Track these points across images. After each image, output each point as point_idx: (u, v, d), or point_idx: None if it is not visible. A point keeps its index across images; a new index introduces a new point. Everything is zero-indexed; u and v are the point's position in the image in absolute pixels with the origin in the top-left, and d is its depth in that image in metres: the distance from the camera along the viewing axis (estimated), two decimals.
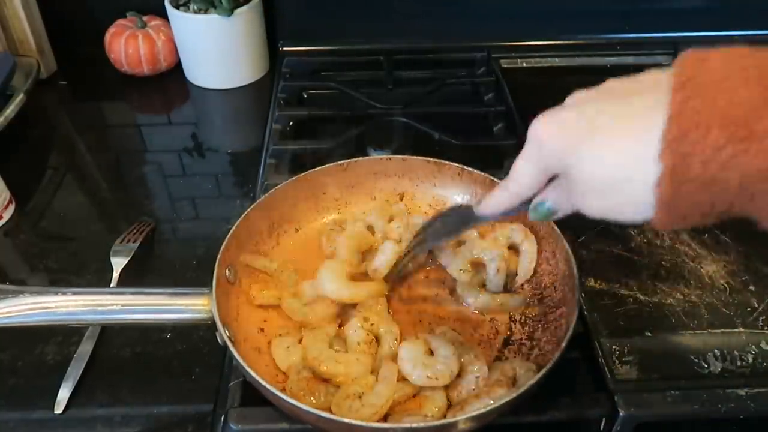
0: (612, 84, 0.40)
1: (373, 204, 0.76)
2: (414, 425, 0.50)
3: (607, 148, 0.36)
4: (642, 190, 0.35)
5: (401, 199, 0.77)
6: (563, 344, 0.53)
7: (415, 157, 0.75)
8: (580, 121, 0.38)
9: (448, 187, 0.75)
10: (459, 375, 0.57)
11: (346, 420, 0.50)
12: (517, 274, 0.67)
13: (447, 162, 0.74)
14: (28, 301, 0.55)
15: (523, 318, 0.64)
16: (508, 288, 0.67)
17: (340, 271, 0.64)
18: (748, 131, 0.30)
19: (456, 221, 0.57)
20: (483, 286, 0.66)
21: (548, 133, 0.41)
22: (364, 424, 0.50)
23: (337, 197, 0.75)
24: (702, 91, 0.32)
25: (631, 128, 0.35)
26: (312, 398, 0.55)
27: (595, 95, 0.40)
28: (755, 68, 0.32)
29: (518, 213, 0.49)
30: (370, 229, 0.71)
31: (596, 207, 0.40)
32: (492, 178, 0.71)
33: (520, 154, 0.44)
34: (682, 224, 0.36)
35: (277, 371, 0.59)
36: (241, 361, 0.53)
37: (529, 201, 0.47)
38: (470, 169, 0.73)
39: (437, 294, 0.67)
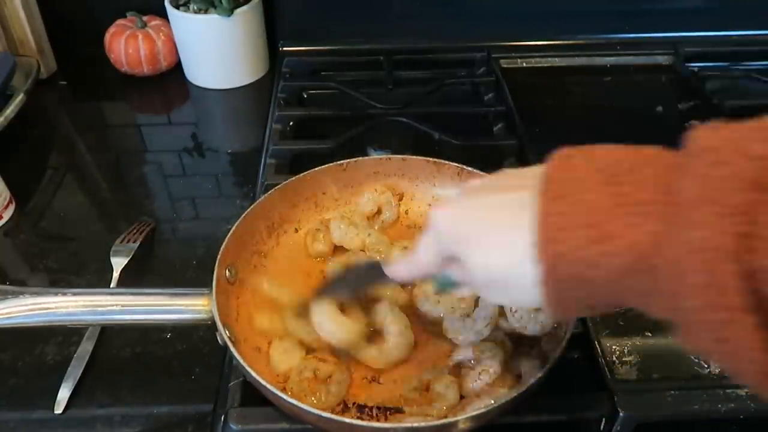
0: (503, 174, 0.42)
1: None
2: (414, 425, 0.50)
3: (490, 246, 0.38)
4: (528, 288, 0.36)
5: (400, 200, 0.77)
6: (563, 344, 0.53)
7: (414, 156, 0.75)
8: (469, 222, 0.40)
9: (448, 187, 0.75)
10: (473, 367, 0.57)
11: (347, 420, 0.50)
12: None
13: (446, 162, 0.74)
14: (28, 302, 0.55)
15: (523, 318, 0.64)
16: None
17: (332, 311, 0.59)
18: (603, 232, 0.32)
19: (367, 276, 0.57)
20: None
21: (443, 225, 0.42)
22: (364, 423, 0.50)
23: (336, 197, 0.75)
24: (562, 194, 0.34)
25: (509, 230, 0.37)
26: (313, 398, 0.55)
27: (483, 186, 0.42)
28: (603, 170, 0.34)
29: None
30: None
31: (493, 298, 0.43)
32: None
33: (423, 233, 0.46)
34: (574, 315, 0.38)
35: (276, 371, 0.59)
36: (241, 361, 0.53)
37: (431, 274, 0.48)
38: (470, 168, 0.73)
39: None
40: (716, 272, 0.28)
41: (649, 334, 0.61)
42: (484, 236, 0.39)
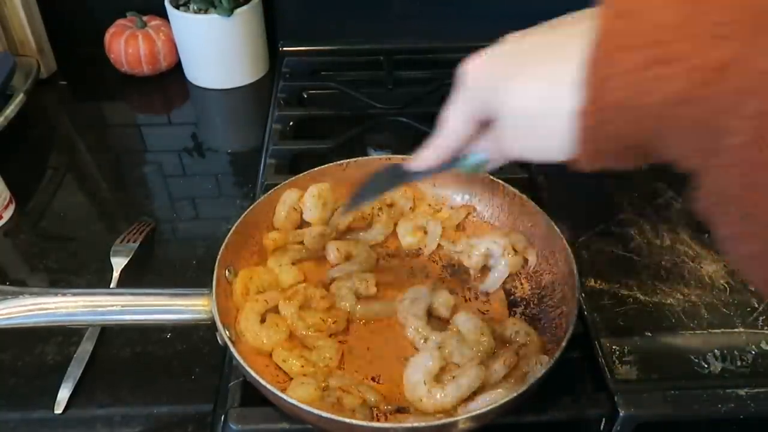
0: (548, 23, 0.38)
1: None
2: (414, 425, 0.50)
3: (530, 79, 0.35)
4: (563, 122, 0.33)
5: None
6: (563, 344, 0.53)
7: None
8: (509, 56, 0.37)
9: (448, 187, 0.75)
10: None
11: (347, 420, 0.50)
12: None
13: None
14: (28, 302, 0.55)
15: (523, 318, 0.64)
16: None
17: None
18: (667, 53, 0.29)
19: (389, 178, 0.55)
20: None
21: (476, 71, 0.39)
22: (364, 423, 0.50)
23: (336, 197, 0.75)
24: (626, 16, 0.30)
25: (554, 59, 0.34)
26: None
27: (526, 33, 0.38)
28: None
29: (450, 169, 0.48)
30: None
31: (520, 147, 0.39)
32: (491, 177, 0.71)
33: (448, 102, 0.43)
34: (600, 161, 0.35)
35: (277, 371, 0.59)
36: (241, 362, 0.53)
37: (459, 155, 0.46)
38: None
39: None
40: None
41: (649, 334, 0.61)
42: (525, 69, 0.36)
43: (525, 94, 0.36)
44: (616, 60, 0.30)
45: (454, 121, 0.43)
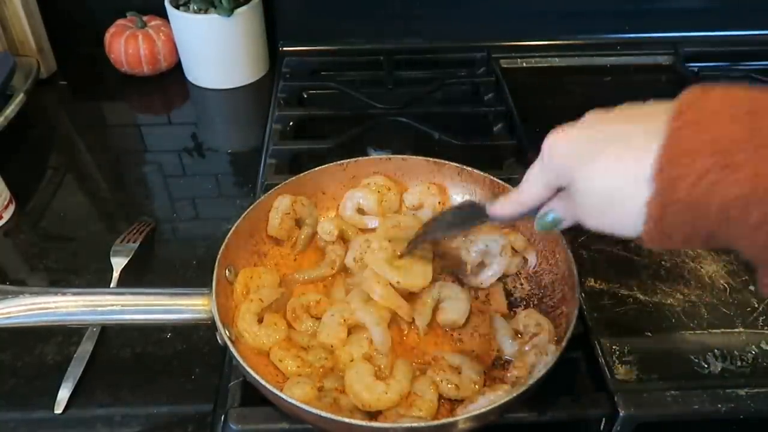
0: (627, 108, 0.42)
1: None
2: (414, 425, 0.50)
3: (608, 168, 0.39)
4: (635, 208, 0.37)
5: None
6: (563, 344, 0.53)
7: (414, 156, 0.75)
8: (589, 140, 0.41)
9: (448, 187, 0.75)
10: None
11: (346, 420, 0.50)
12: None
13: (446, 162, 0.74)
14: (28, 302, 0.55)
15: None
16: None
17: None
18: (730, 161, 0.33)
19: (466, 216, 0.59)
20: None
21: (559, 147, 0.43)
22: (364, 423, 0.50)
23: (336, 197, 0.75)
24: (695, 122, 0.35)
25: (631, 152, 0.38)
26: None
27: (606, 117, 0.42)
28: (743, 105, 0.35)
29: (525, 219, 0.52)
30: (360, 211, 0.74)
31: (595, 221, 0.43)
32: (491, 177, 0.71)
33: (531, 165, 0.47)
34: (668, 244, 0.38)
35: (277, 371, 0.59)
36: (241, 361, 0.53)
37: (535, 210, 0.50)
38: (469, 168, 0.73)
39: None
40: None
41: (649, 334, 0.61)
42: (602, 156, 0.40)
43: (603, 178, 0.40)
44: (685, 163, 0.34)
45: (533, 185, 0.48)
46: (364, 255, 0.66)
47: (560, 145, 0.43)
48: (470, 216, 0.58)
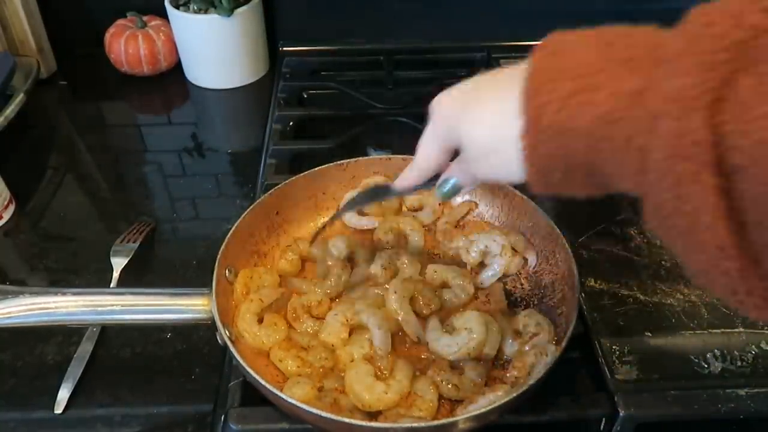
0: (492, 71, 0.45)
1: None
2: (414, 425, 0.50)
3: (483, 114, 0.42)
4: (513, 147, 0.39)
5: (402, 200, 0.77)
6: (563, 344, 0.53)
7: (414, 157, 0.75)
8: (467, 95, 0.44)
9: None
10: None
11: (346, 420, 0.50)
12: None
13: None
14: (28, 302, 0.55)
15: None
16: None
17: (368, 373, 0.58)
18: (589, 83, 0.34)
19: (374, 193, 0.64)
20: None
21: (443, 107, 0.46)
22: (364, 423, 0.50)
23: (336, 197, 0.75)
24: (554, 53, 0.37)
25: (498, 92, 0.41)
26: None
27: (484, 75, 0.45)
28: (595, 36, 0.37)
29: (428, 188, 0.54)
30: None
31: (484, 170, 0.44)
32: None
33: (424, 131, 0.49)
34: (551, 184, 0.39)
35: (277, 371, 0.59)
36: (241, 362, 0.53)
37: (436, 178, 0.52)
38: None
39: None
40: (689, 120, 0.29)
41: (649, 334, 0.61)
42: (478, 105, 0.42)
43: (480, 126, 0.42)
44: (548, 90, 0.36)
45: (427, 148, 0.50)
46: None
47: (443, 104, 0.46)
48: (377, 192, 0.62)
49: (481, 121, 0.42)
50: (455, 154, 0.49)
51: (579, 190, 0.39)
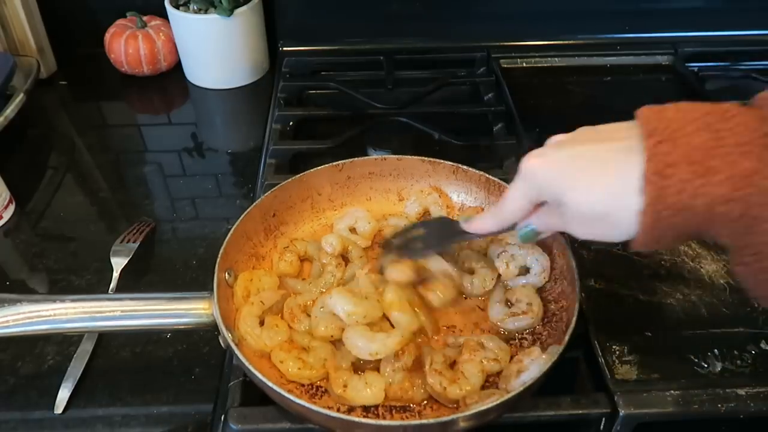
0: (585, 130, 0.48)
1: (369, 204, 0.76)
2: (413, 423, 0.50)
3: (594, 186, 0.44)
4: (626, 218, 0.42)
5: (399, 200, 0.77)
6: (566, 338, 0.54)
7: (409, 156, 0.75)
8: (569, 163, 0.46)
9: (444, 186, 0.75)
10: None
11: (356, 419, 0.50)
12: None
13: (441, 161, 0.74)
14: (26, 310, 0.54)
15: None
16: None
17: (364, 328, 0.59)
18: (706, 167, 0.39)
19: (446, 234, 0.61)
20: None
21: (540, 172, 0.48)
22: (367, 421, 0.50)
23: (332, 198, 0.75)
24: (667, 138, 0.41)
25: (614, 168, 0.43)
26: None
27: (572, 139, 0.48)
28: (698, 120, 0.41)
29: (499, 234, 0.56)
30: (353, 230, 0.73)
31: (585, 231, 0.47)
32: (487, 175, 0.71)
33: (510, 185, 0.51)
34: (658, 245, 0.44)
35: (280, 373, 0.58)
36: (247, 365, 0.52)
37: (513, 226, 0.54)
38: (465, 167, 0.73)
39: None
40: None
41: (649, 334, 0.61)
42: (586, 176, 0.45)
43: (591, 195, 0.44)
44: (668, 174, 0.40)
45: (516, 202, 0.51)
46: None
47: (541, 170, 0.48)
48: (450, 234, 0.60)
49: (593, 191, 0.44)
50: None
51: (676, 245, 0.45)
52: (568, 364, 0.57)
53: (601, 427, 0.56)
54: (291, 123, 0.96)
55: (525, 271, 0.66)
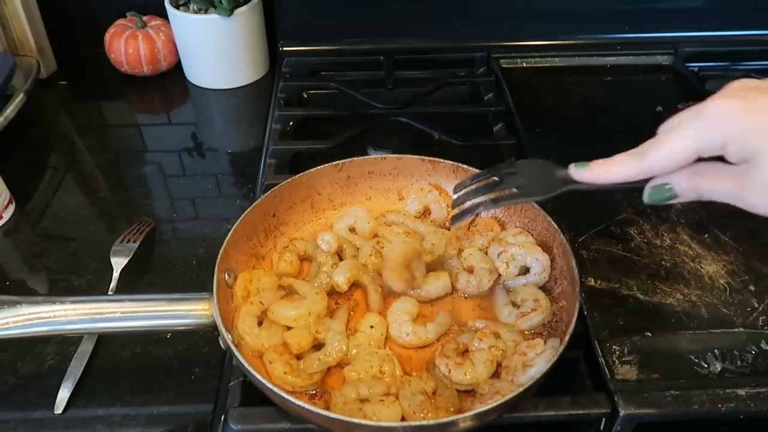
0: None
1: (369, 204, 0.76)
2: (413, 424, 0.50)
3: None
4: None
5: (399, 199, 0.77)
6: (566, 338, 0.54)
7: (409, 155, 0.75)
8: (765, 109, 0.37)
9: (444, 185, 0.75)
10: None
11: (355, 420, 0.50)
12: None
13: (441, 160, 0.74)
14: (26, 311, 0.54)
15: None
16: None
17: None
18: None
19: (544, 180, 0.49)
20: None
21: (740, 114, 0.38)
22: (366, 422, 0.50)
23: (332, 198, 0.75)
24: None
25: None
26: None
27: (760, 86, 0.38)
28: None
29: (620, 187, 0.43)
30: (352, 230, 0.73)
31: (765, 202, 0.38)
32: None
33: (674, 129, 0.40)
34: None
35: None
36: (246, 365, 0.52)
37: (649, 179, 0.43)
38: (465, 166, 0.73)
39: None
40: None
41: (649, 334, 0.61)
42: None
43: None
44: None
45: (678, 147, 0.40)
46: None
47: (742, 117, 0.38)
48: (550, 182, 0.48)
49: None
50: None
51: None
52: (568, 364, 0.57)
53: (601, 427, 0.56)
54: (291, 123, 0.96)
55: (525, 271, 0.66)
